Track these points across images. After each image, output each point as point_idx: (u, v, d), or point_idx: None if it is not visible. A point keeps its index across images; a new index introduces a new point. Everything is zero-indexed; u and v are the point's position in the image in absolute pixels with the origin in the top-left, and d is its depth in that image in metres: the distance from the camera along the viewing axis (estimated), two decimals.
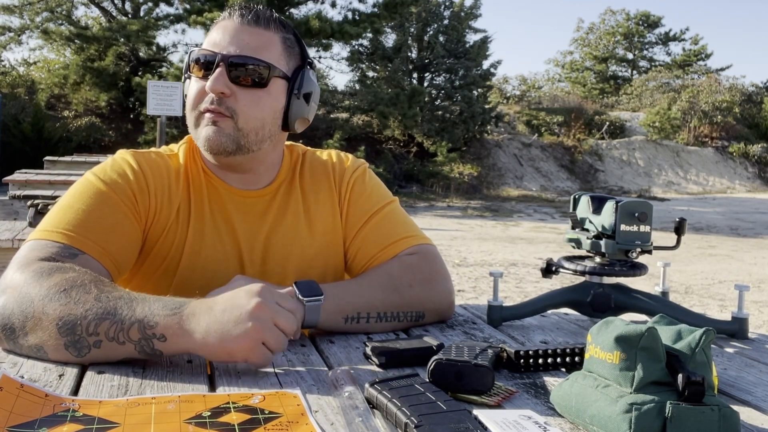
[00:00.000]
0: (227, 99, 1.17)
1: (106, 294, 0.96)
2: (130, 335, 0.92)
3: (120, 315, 0.93)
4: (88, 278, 0.99)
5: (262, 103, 1.20)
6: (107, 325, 0.92)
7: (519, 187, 19.06)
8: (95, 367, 0.93)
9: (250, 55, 1.17)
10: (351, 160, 1.38)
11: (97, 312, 0.93)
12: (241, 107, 1.18)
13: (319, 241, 1.31)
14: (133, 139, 16.57)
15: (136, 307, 0.94)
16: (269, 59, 1.19)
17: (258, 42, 1.19)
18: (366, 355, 1.02)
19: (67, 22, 18.42)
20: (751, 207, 16.99)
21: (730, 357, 1.11)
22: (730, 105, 24.21)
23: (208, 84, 1.16)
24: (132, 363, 0.95)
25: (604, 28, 36.28)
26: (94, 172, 1.20)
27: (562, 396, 0.82)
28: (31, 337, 0.95)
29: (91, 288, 0.97)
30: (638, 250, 1.20)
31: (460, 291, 5.99)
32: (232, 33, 1.18)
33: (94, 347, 0.93)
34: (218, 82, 1.15)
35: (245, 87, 1.18)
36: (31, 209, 3.26)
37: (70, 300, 0.95)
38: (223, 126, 1.17)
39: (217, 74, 1.16)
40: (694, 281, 7.08)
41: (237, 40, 1.18)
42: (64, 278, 0.98)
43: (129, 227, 1.17)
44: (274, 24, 1.22)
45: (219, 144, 1.18)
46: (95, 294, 0.96)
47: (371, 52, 20.58)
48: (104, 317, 0.93)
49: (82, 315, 0.93)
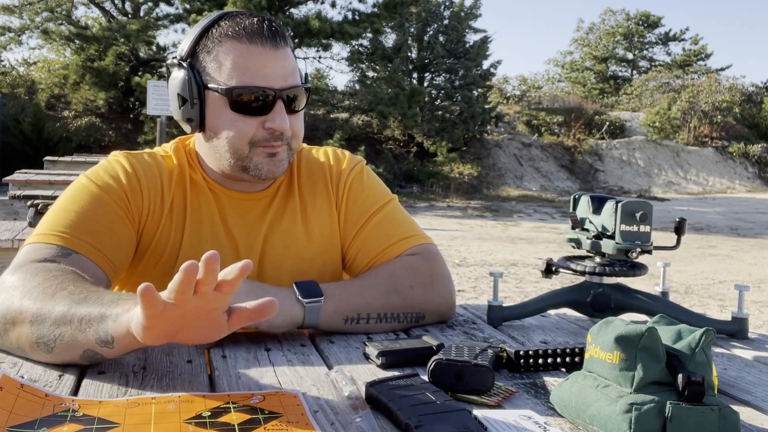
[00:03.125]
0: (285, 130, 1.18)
1: (81, 289, 0.94)
2: (91, 322, 0.89)
3: (88, 304, 0.90)
4: (70, 277, 0.99)
5: (302, 120, 1.24)
6: (72, 313, 0.90)
7: (519, 187, 19.06)
8: (95, 367, 0.93)
9: (297, 84, 1.18)
10: (347, 159, 1.37)
11: (66, 303, 0.92)
12: (295, 133, 1.21)
13: (316, 243, 1.30)
14: (133, 139, 16.57)
15: (103, 297, 0.91)
16: (302, 79, 1.21)
17: (293, 63, 1.20)
18: (366, 355, 1.03)
19: (67, 22, 18.41)
20: (751, 207, 16.99)
21: (730, 357, 1.11)
22: (730, 105, 24.20)
23: (275, 124, 1.15)
24: (132, 363, 0.95)
25: (604, 28, 36.27)
26: (87, 175, 1.21)
27: (562, 396, 0.82)
28: (12, 335, 0.96)
29: (68, 284, 0.96)
30: (638, 250, 1.20)
31: (460, 291, 5.99)
32: (274, 61, 1.16)
33: (59, 340, 0.91)
34: (285, 120, 1.16)
35: (296, 113, 1.20)
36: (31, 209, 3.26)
37: (45, 296, 0.94)
38: (280, 155, 1.19)
39: (282, 113, 1.16)
40: (694, 281, 7.08)
41: (281, 68, 1.16)
42: (46, 277, 0.99)
43: (122, 228, 1.17)
44: (286, 35, 1.20)
45: (279, 172, 1.21)
46: (71, 289, 0.94)
47: (371, 52, 20.57)
48: (71, 307, 0.91)
49: (51, 307, 0.92)
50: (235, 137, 1.16)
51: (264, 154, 1.18)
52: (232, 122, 1.16)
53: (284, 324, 1.09)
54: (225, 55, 1.15)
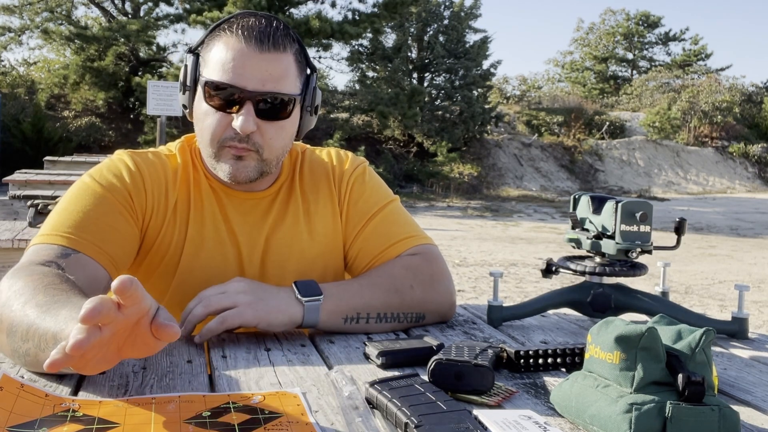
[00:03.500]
0: (253, 134, 1.15)
1: (48, 298, 0.88)
2: (48, 343, 0.82)
3: (46, 322, 0.83)
4: (46, 281, 0.94)
5: (285, 132, 1.19)
6: (33, 330, 0.85)
7: (519, 187, 19.06)
8: None
9: (276, 90, 1.13)
10: (350, 160, 1.37)
11: (32, 316, 0.86)
12: (267, 141, 1.16)
13: (318, 243, 1.30)
14: (133, 139, 16.57)
15: (59, 312, 0.83)
16: (290, 89, 1.16)
17: (279, 71, 1.14)
18: (366, 355, 1.02)
19: (67, 22, 18.41)
20: (751, 207, 16.99)
21: (730, 357, 1.11)
22: (730, 105, 24.20)
23: (238, 124, 1.12)
24: (132, 363, 0.95)
25: (604, 28, 36.28)
26: (90, 174, 1.21)
27: (562, 396, 0.82)
28: None
29: (39, 293, 0.91)
30: (638, 250, 1.20)
31: (460, 291, 5.99)
32: (255, 62, 1.12)
33: (27, 356, 0.87)
34: (248, 123, 1.12)
35: (271, 120, 1.16)
36: (31, 209, 3.26)
37: (20, 304, 0.90)
38: (247, 160, 1.17)
39: (246, 114, 1.12)
40: (694, 281, 7.08)
41: (260, 71, 1.12)
42: (26, 282, 0.95)
43: (126, 226, 1.17)
44: (288, 41, 1.16)
45: (244, 177, 1.18)
46: (39, 299, 0.89)
47: (371, 52, 20.57)
48: (33, 323, 0.85)
49: (20, 320, 0.88)
50: (206, 131, 1.17)
51: (230, 155, 1.16)
52: (206, 115, 1.17)
53: (283, 323, 1.09)
54: (216, 49, 1.16)
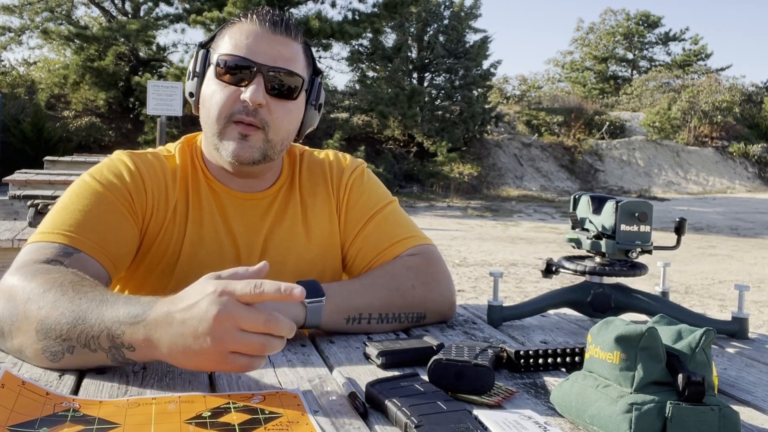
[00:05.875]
0: (261, 110, 1.16)
1: (80, 296, 0.91)
2: (100, 343, 0.87)
3: (89, 321, 0.88)
4: (69, 279, 0.96)
5: (291, 115, 1.21)
6: (78, 330, 0.88)
7: (519, 187, 19.06)
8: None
9: (287, 67, 1.17)
10: (349, 162, 1.38)
11: (70, 316, 0.89)
12: (274, 119, 1.18)
13: (316, 245, 1.31)
14: (133, 139, 16.56)
15: (104, 312, 0.88)
16: (299, 71, 1.20)
17: (290, 53, 1.18)
18: (366, 355, 1.03)
19: (67, 21, 18.42)
20: (751, 207, 16.99)
21: (730, 357, 1.11)
22: (730, 105, 24.20)
23: (248, 95, 1.14)
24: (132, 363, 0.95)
25: (604, 28, 36.28)
26: (90, 173, 1.21)
27: (562, 396, 0.82)
28: (15, 339, 0.94)
29: (68, 290, 0.93)
30: (638, 250, 1.20)
31: (460, 291, 5.99)
32: (267, 42, 1.17)
33: (67, 353, 0.89)
34: (258, 93, 1.14)
35: (279, 99, 1.18)
36: (31, 209, 3.26)
37: (47, 302, 0.92)
38: (253, 140, 1.17)
39: (257, 85, 1.14)
40: (694, 281, 7.08)
41: (272, 49, 1.16)
42: (46, 279, 0.96)
43: (126, 226, 1.17)
44: (299, 32, 1.22)
45: (248, 157, 1.18)
46: (70, 296, 0.92)
47: (371, 52, 20.57)
48: (76, 322, 0.88)
49: (56, 319, 0.90)
50: (214, 107, 1.18)
51: (236, 133, 1.17)
52: (214, 93, 1.18)
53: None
54: (229, 33, 1.20)
